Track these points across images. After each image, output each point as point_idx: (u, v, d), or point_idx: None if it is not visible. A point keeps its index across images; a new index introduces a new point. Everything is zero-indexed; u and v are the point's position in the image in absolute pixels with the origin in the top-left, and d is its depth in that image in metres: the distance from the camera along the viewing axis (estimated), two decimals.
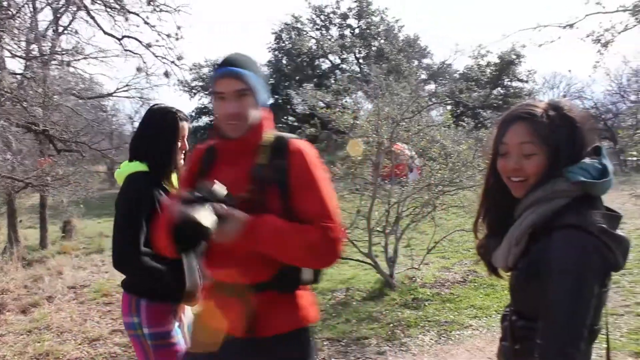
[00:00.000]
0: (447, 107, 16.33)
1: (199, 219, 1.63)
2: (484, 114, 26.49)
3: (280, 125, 30.27)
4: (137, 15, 7.41)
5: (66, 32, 8.86)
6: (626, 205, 7.53)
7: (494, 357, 1.82)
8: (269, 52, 31.09)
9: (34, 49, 7.90)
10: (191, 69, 27.08)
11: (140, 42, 7.90)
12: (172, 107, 2.54)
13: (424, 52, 32.18)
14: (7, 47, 6.57)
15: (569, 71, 59.17)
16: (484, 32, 55.15)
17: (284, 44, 30.82)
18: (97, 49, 8.60)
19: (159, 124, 2.49)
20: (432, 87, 27.65)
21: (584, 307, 1.37)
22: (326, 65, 31.41)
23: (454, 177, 6.58)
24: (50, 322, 5.66)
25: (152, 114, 2.55)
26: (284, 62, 30.66)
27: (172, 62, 8.06)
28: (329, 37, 30.87)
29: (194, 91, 28.75)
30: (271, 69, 30.94)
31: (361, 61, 30.28)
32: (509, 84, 30.17)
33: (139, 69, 8.37)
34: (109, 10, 7.26)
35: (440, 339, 4.89)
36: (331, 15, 31.00)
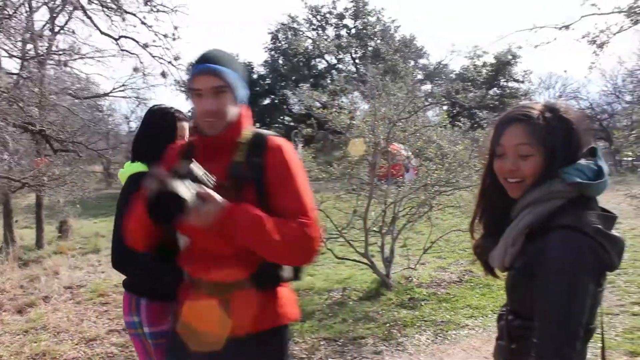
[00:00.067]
0: (444, 108, 16.37)
1: (177, 190, 1.61)
2: (480, 114, 26.55)
3: (276, 125, 30.31)
4: (134, 15, 7.40)
5: (62, 31, 8.84)
6: (621, 205, 7.56)
7: (490, 356, 1.83)
8: (266, 52, 31.19)
9: (30, 48, 7.89)
10: (188, 69, 26.99)
11: (137, 42, 7.89)
12: (172, 107, 2.54)
13: (420, 53, 32.28)
14: (3, 46, 6.57)
15: (565, 72, 59.26)
16: (480, 32, 55.35)
17: (280, 44, 30.86)
18: (94, 49, 8.61)
19: (159, 124, 2.49)
20: (428, 87, 27.73)
21: (579, 306, 1.38)
22: (322, 65, 31.50)
23: (450, 178, 6.59)
24: (46, 322, 5.65)
25: (151, 114, 2.55)
26: (281, 62, 30.69)
27: (169, 62, 8.06)
28: (325, 37, 30.92)
29: None
30: (267, 69, 30.97)
31: (357, 61, 30.34)
32: (505, 84, 30.29)
33: (135, 69, 8.36)
34: (106, 10, 7.25)
35: (436, 338, 4.90)
36: (327, 15, 31.07)
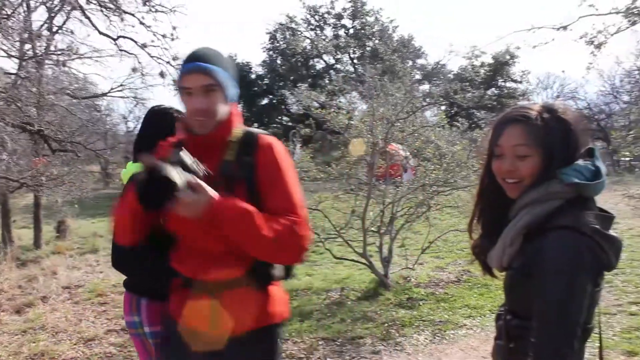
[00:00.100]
0: (442, 108, 16.36)
1: (168, 174, 1.59)
2: (478, 114, 26.53)
3: (274, 125, 30.31)
4: (133, 15, 7.40)
5: (60, 31, 8.83)
6: (619, 205, 7.58)
7: (488, 356, 1.84)
8: (264, 52, 31.14)
9: (28, 48, 7.88)
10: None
11: (135, 42, 7.88)
12: (172, 107, 2.55)
13: (418, 53, 32.26)
14: (1, 47, 6.56)
15: (563, 72, 59.26)
16: (478, 32, 55.16)
17: (278, 44, 30.83)
18: (92, 49, 8.60)
19: (159, 124, 2.50)
20: (426, 87, 27.73)
21: (577, 306, 1.39)
22: (321, 65, 31.46)
23: (448, 178, 6.60)
24: (45, 322, 5.65)
25: (152, 114, 2.56)
26: (279, 62, 30.67)
27: (168, 62, 8.03)
28: (323, 37, 30.89)
29: None
30: (266, 69, 30.95)
31: (355, 61, 30.32)
32: (502, 84, 30.29)
33: (134, 69, 8.35)
34: (104, 10, 7.25)
35: (434, 338, 4.91)
36: (325, 15, 31.03)
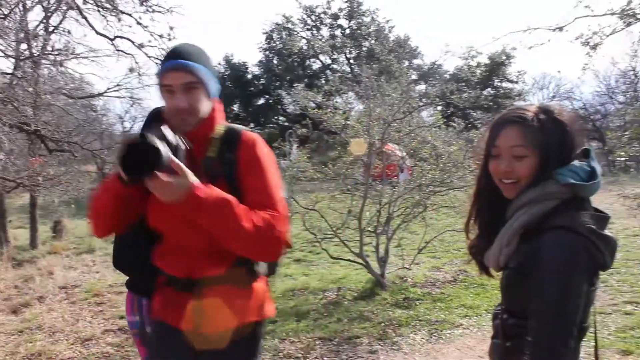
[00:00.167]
0: (438, 108, 16.38)
1: (153, 142, 1.55)
2: (474, 114, 26.57)
3: (271, 125, 30.32)
4: (130, 15, 7.38)
5: (56, 31, 8.80)
6: (614, 205, 7.59)
7: (484, 355, 1.86)
8: (260, 52, 31.16)
9: (25, 48, 7.85)
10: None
11: (132, 42, 7.85)
12: None
13: (415, 53, 32.32)
14: None
15: (559, 72, 59.40)
16: (477, 32, 55.20)
17: (274, 44, 30.85)
18: (88, 49, 8.55)
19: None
20: (422, 87, 27.76)
21: (573, 305, 1.41)
22: (317, 65, 31.50)
23: (445, 178, 6.61)
24: (41, 322, 5.65)
25: (153, 117, 2.56)
26: (275, 62, 30.70)
27: None
28: (319, 37, 30.92)
29: None
30: (262, 69, 30.97)
31: (352, 61, 30.35)
32: (499, 84, 30.37)
33: (131, 70, 8.32)
34: (101, 10, 7.23)
35: (431, 338, 4.92)
36: (322, 15, 31.07)
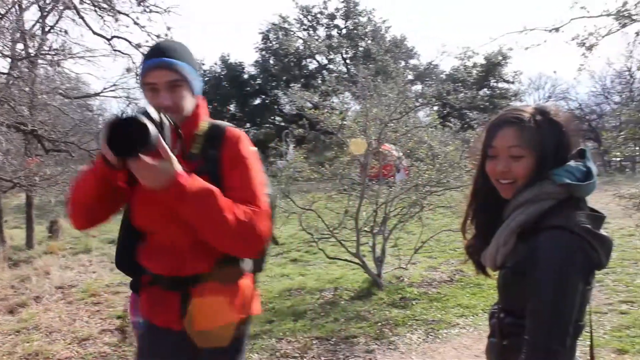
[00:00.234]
0: (434, 108, 16.42)
1: (140, 119, 1.52)
2: (470, 114, 26.65)
3: (267, 125, 30.32)
4: (127, 15, 7.37)
5: (53, 31, 8.78)
6: (610, 205, 7.64)
7: (480, 354, 1.88)
8: (256, 52, 31.15)
9: (21, 48, 7.84)
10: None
11: (129, 42, 7.85)
12: None
13: (411, 53, 32.39)
14: None
15: (555, 72, 59.69)
16: (473, 32, 55.43)
17: (271, 44, 30.85)
18: (85, 49, 8.54)
19: None
20: (418, 87, 27.83)
21: (569, 304, 1.42)
22: (313, 65, 31.54)
23: (441, 178, 6.63)
24: (38, 322, 5.64)
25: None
26: (272, 62, 30.71)
27: None
28: (316, 37, 30.95)
29: None
30: (258, 69, 30.97)
31: (348, 62, 30.39)
32: (495, 85, 30.48)
33: (128, 70, 8.30)
34: (98, 10, 7.22)
35: (427, 337, 4.93)
36: (318, 15, 31.10)
